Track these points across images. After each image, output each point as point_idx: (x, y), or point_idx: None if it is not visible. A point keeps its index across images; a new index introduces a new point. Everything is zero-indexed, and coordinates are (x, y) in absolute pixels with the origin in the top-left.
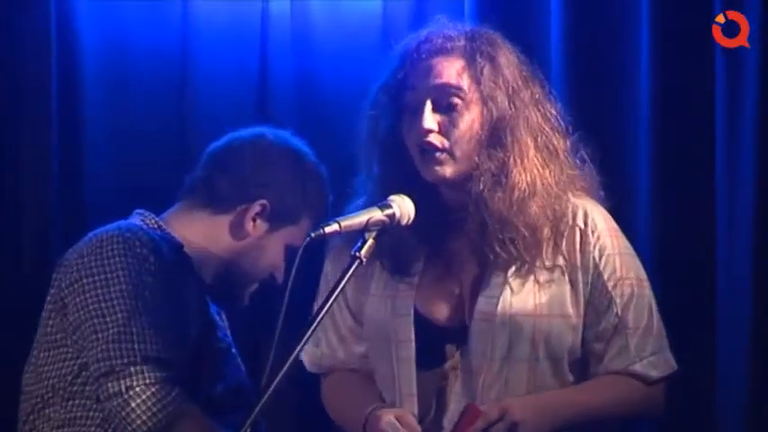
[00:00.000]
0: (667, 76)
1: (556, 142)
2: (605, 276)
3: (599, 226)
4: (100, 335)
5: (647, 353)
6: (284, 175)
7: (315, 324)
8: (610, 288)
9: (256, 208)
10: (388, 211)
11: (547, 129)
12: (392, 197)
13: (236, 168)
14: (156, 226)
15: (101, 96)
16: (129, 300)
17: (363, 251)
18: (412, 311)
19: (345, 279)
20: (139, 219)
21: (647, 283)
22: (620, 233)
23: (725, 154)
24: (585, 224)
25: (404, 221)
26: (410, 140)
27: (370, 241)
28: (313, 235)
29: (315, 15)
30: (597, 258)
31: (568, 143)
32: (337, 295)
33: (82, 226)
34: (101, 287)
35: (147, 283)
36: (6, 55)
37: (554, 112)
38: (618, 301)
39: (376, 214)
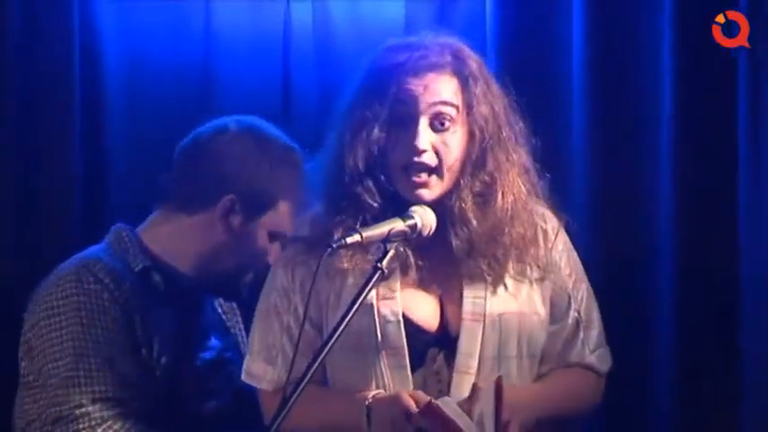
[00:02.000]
0: (689, 79)
1: (525, 155)
2: (565, 273)
3: (554, 225)
4: (52, 380)
5: (596, 346)
6: (249, 165)
7: (334, 339)
8: (569, 284)
9: (225, 204)
10: (410, 222)
11: (519, 143)
12: (414, 208)
13: (200, 167)
14: (127, 245)
15: (124, 108)
16: (79, 341)
17: (385, 262)
18: (401, 318)
19: (366, 291)
20: (114, 237)
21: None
22: (564, 232)
23: (747, 157)
24: (545, 223)
25: (425, 232)
26: (396, 157)
27: (392, 252)
28: (334, 246)
29: (336, 25)
30: (558, 257)
31: (528, 152)
32: (355, 311)
33: (104, 234)
34: (54, 330)
35: (99, 321)
36: (30, 67)
37: (521, 123)
38: (576, 296)
39: (398, 225)
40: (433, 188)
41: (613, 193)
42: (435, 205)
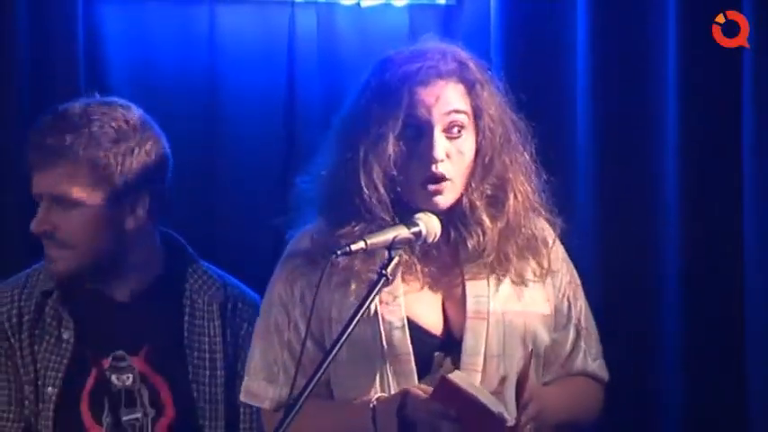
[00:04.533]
0: (695, 81)
1: (529, 156)
2: (566, 281)
3: (553, 234)
4: None
5: (597, 355)
6: None
7: (336, 349)
8: (569, 292)
9: None
10: (415, 229)
11: (523, 144)
12: (418, 215)
13: None
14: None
15: None
16: None
17: (390, 269)
18: (406, 323)
19: (371, 298)
20: None
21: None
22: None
23: (752, 157)
24: (544, 230)
25: (430, 239)
26: (413, 168)
27: (396, 259)
28: (339, 252)
29: (341, 32)
30: (560, 264)
31: (531, 153)
32: (359, 319)
33: None
34: None
35: None
36: (35, 73)
37: (522, 124)
38: (576, 304)
39: (402, 232)
40: (447, 194)
41: (618, 194)
42: (446, 210)
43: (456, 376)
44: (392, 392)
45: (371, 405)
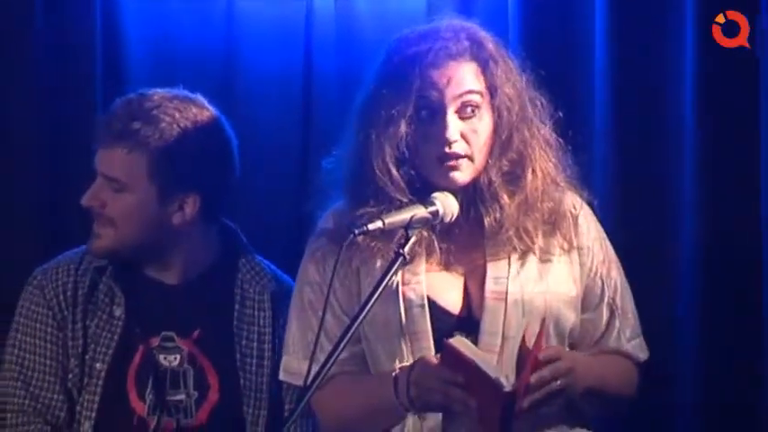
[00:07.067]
0: (711, 77)
1: (549, 132)
2: (598, 259)
3: (585, 212)
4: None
5: (633, 335)
6: None
7: (355, 326)
8: (602, 271)
9: None
10: (432, 209)
11: (542, 119)
12: (435, 194)
13: None
14: None
15: None
16: (11, 348)
17: (407, 248)
18: (426, 302)
19: (389, 276)
20: None
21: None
22: (596, 220)
23: None
24: (575, 209)
25: (447, 219)
26: (428, 149)
27: (414, 238)
28: (357, 231)
29: (359, 12)
30: (590, 242)
31: (551, 128)
32: (378, 296)
33: None
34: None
35: (27, 328)
36: (52, 55)
37: (542, 98)
38: (609, 283)
39: (419, 211)
40: (465, 171)
41: (635, 178)
42: (464, 186)
43: (457, 342)
44: None
45: (394, 375)
